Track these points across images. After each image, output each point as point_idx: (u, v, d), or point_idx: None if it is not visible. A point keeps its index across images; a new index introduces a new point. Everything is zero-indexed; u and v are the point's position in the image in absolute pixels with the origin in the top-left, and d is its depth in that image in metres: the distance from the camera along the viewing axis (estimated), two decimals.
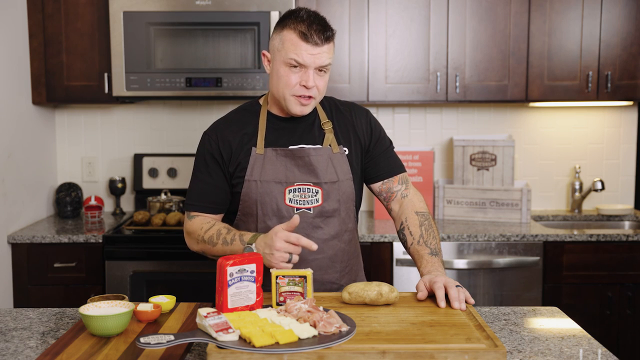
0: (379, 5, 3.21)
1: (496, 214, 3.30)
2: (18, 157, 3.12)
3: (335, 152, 1.93)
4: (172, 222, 3.09)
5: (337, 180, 1.91)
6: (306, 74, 1.81)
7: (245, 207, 1.92)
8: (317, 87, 1.84)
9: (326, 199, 1.90)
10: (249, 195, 1.89)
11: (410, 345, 1.41)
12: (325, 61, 1.82)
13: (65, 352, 1.46)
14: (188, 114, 3.59)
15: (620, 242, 3.04)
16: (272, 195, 1.88)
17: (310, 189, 1.90)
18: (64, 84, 3.20)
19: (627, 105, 3.59)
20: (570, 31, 3.23)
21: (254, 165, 1.89)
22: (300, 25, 1.80)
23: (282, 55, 1.83)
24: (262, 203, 1.88)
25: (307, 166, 1.89)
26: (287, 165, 1.90)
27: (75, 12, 3.16)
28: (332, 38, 1.83)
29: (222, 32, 3.08)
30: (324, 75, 1.85)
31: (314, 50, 1.80)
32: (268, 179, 1.88)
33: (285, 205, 1.88)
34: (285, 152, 1.90)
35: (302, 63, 1.80)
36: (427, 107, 3.60)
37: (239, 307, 1.57)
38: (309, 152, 1.90)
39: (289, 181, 1.89)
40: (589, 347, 1.54)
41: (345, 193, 1.93)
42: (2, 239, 2.96)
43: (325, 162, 1.90)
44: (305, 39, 1.79)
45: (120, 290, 2.93)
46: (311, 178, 1.90)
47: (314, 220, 1.90)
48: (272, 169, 1.89)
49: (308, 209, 1.90)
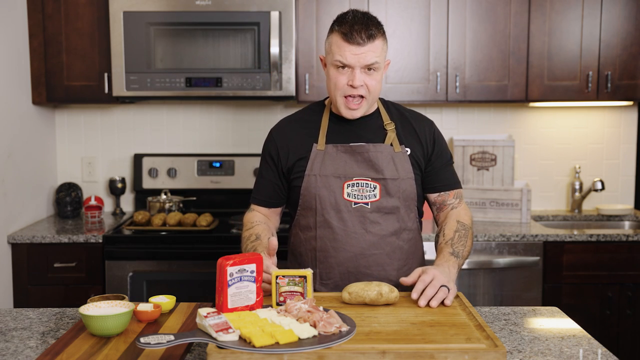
0: (379, 5, 3.21)
1: (496, 214, 3.30)
2: (18, 157, 3.12)
3: (397, 151, 1.95)
4: (172, 222, 3.09)
5: (398, 178, 1.93)
6: (352, 74, 1.85)
7: (305, 202, 1.96)
8: (366, 86, 1.87)
9: (384, 195, 1.92)
10: (309, 189, 1.94)
11: (410, 345, 1.41)
12: (371, 60, 1.84)
13: (65, 352, 1.46)
14: (188, 114, 3.59)
15: (620, 242, 3.04)
16: (331, 189, 1.92)
17: (368, 184, 1.92)
18: (64, 84, 3.20)
19: (627, 105, 3.59)
20: (570, 31, 3.23)
21: (314, 161, 1.94)
22: (344, 27, 1.84)
23: (330, 58, 1.89)
24: (321, 197, 1.92)
25: (366, 162, 1.93)
26: (347, 160, 1.93)
27: (75, 12, 3.16)
28: (376, 36, 1.84)
29: (222, 32, 3.08)
30: (373, 74, 1.87)
31: (357, 50, 1.83)
32: (327, 174, 1.92)
33: (343, 199, 1.92)
34: (345, 148, 1.94)
35: (347, 63, 1.84)
36: (427, 107, 3.60)
37: (239, 307, 1.57)
38: (368, 148, 1.93)
39: (347, 176, 1.92)
40: (589, 347, 1.54)
41: (405, 191, 1.94)
42: (2, 239, 2.96)
43: (386, 159, 1.93)
44: (347, 40, 1.83)
45: (120, 290, 2.93)
46: (370, 173, 1.92)
47: (371, 215, 1.92)
48: (331, 164, 1.93)
49: (365, 203, 1.92)
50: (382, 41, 1.87)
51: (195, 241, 2.98)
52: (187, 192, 3.48)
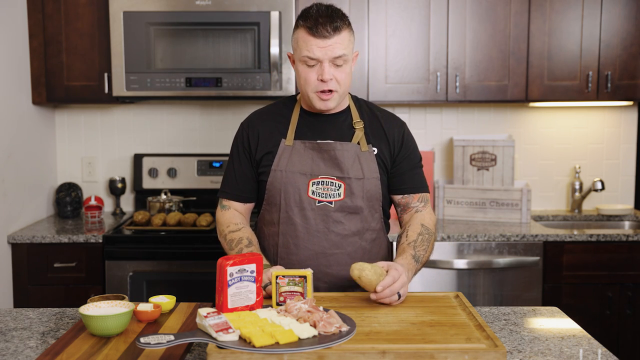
0: (379, 5, 3.21)
1: (496, 214, 3.30)
2: (18, 157, 3.11)
3: (364, 150, 1.94)
4: (172, 222, 3.09)
5: (363, 178, 1.92)
6: (321, 68, 1.83)
7: (270, 197, 1.95)
8: (336, 80, 1.85)
9: (349, 195, 1.91)
10: (274, 184, 1.93)
11: (410, 345, 1.41)
12: (338, 52, 1.82)
13: (65, 352, 1.46)
14: (188, 114, 3.59)
15: (620, 242, 3.04)
16: (296, 186, 1.91)
17: (333, 182, 1.92)
18: (64, 84, 3.20)
19: (627, 105, 3.59)
20: (570, 31, 3.23)
21: (281, 156, 1.92)
22: (308, 21, 1.82)
23: (298, 54, 1.87)
24: (286, 193, 1.91)
25: (332, 160, 1.91)
26: (314, 158, 1.92)
27: (75, 12, 3.16)
28: (342, 28, 1.82)
29: (222, 32, 3.08)
30: (343, 66, 1.85)
31: (323, 43, 1.81)
32: (293, 170, 1.91)
33: (308, 197, 1.91)
34: (313, 145, 1.93)
35: (314, 57, 1.82)
36: (427, 107, 3.60)
37: (239, 307, 1.57)
38: (335, 146, 1.92)
39: (313, 173, 1.91)
40: (589, 347, 1.54)
41: (369, 191, 1.93)
42: (2, 239, 2.96)
43: (351, 158, 1.92)
44: (312, 34, 1.81)
45: (120, 290, 2.93)
46: (335, 172, 1.91)
47: (335, 214, 1.91)
48: (298, 160, 1.92)
49: (329, 202, 1.91)
50: (348, 32, 1.85)
51: (195, 241, 2.98)
52: (187, 192, 3.48)
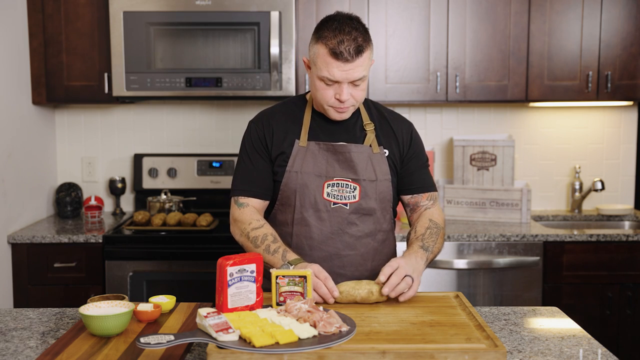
0: (378, 5, 3.21)
1: (496, 214, 3.30)
2: (18, 157, 3.11)
3: (375, 152, 1.94)
4: (172, 222, 3.09)
5: (375, 180, 1.93)
6: (340, 88, 1.82)
7: (284, 197, 1.94)
8: (353, 97, 1.85)
9: (363, 197, 1.92)
10: (289, 185, 1.92)
11: (410, 345, 1.41)
12: (359, 75, 1.80)
13: (65, 352, 1.46)
14: (188, 114, 3.59)
15: (620, 242, 3.04)
16: (311, 187, 1.91)
17: (348, 184, 1.92)
18: (64, 84, 3.20)
19: (627, 105, 3.59)
20: (570, 31, 3.23)
21: (296, 157, 1.92)
22: (331, 41, 1.77)
23: (315, 70, 1.84)
24: (301, 194, 1.91)
25: (347, 162, 1.92)
26: (329, 159, 1.92)
27: (75, 12, 3.16)
28: (364, 49, 1.79)
29: (222, 32, 3.08)
30: (360, 85, 1.84)
31: (345, 67, 1.78)
32: (308, 171, 1.91)
33: (323, 199, 1.91)
34: (327, 147, 1.92)
35: (334, 80, 1.80)
36: (427, 107, 3.60)
37: (239, 307, 1.57)
38: (350, 149, 1.92)
39: (328, 175, 1.91)
40: (589, 347, 1.54)
41: (382, 193, 1.94)
42: (2, 239, 2.96)
43: (365, 160, 1.92)
44: (335, 57, 1.77)
45: (120, 290, 2.93)
46: (350, 174, 1.92)
47: (350, 216, 1.92)
48: (313, 161, 1.92)
49: (344, 204, 1.92)
50: (369, 51, 1.83)
51: (195, 241, 2.98)
52: (187, 192, 3.48)
